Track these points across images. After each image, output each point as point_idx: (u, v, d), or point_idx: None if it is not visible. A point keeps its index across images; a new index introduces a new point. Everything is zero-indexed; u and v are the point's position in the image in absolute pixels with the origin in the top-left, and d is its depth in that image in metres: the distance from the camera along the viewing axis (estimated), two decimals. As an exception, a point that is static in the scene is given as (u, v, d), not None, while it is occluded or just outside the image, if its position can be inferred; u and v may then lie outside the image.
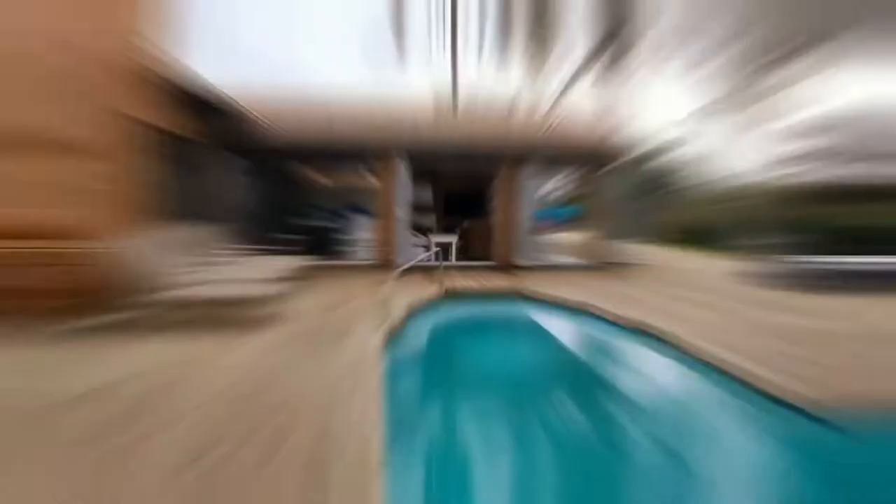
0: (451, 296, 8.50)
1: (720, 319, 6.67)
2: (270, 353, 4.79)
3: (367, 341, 5.27)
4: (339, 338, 5.37)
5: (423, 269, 10.50)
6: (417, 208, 16.41)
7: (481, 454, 3.89)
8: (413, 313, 7.22)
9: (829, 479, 3.60)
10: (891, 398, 4.06)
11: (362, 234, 11.48)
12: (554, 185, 19.45)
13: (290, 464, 2.92)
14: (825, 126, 11.03)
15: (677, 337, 5.86)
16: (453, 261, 11.52)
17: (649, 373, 5.91)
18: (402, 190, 10.61)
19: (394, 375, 4.78)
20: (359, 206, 16.37)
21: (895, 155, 10.39)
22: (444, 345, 6.63)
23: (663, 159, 28.93)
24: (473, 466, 3.81)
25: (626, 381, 5.69)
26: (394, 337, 6.00)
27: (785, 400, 4.17)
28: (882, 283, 8.99)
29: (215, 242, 8.78)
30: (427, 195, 17.79)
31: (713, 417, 4.53)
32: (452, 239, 11.74)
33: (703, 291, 8.69)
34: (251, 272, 7.52)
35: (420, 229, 13.15)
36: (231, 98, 9.19)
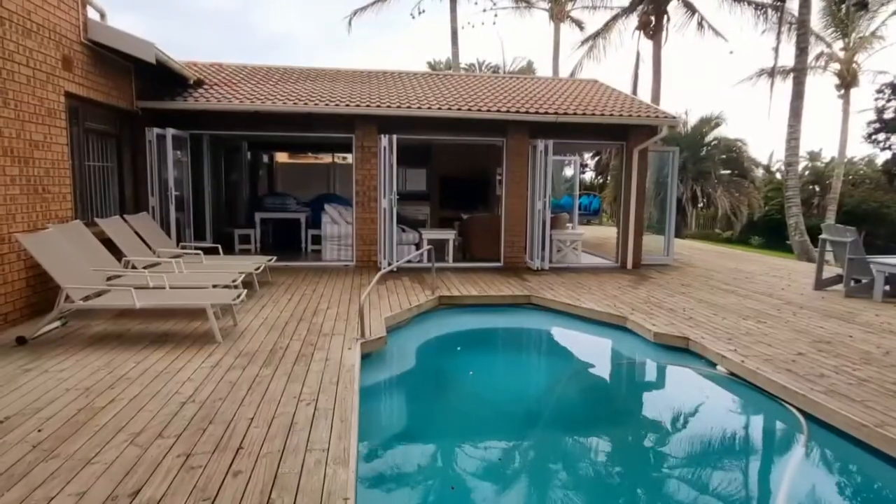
0: (446, 306, 8.33)
1: (777, 335, 6.51)
2: (214, 377, 4.62)
3: (336, 365, 5.10)
4: (300, 360, 5.21)
5: (413, 272, 10.34)
6: (408, 197, 16.26)
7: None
8: (397, 328, 7.05)
9: None
10: None
11: (338, 229, 11.29)
12: (577, 167, 19.32)
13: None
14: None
15: (726, 359, 5.72)
16: (451, 262, 11.35)
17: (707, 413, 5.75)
18: (387, 174, 10.43)
19: (367, 408, 4.62)
20: (331, 193, 16.21)
21: None
22: (433, 369, 6.47)
23: (712, 137, 28.78)
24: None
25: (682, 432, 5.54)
26: (371, 359, 5.84)
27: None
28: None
29: (152, 238, 8.61)
30: (420, 181, 17.64)
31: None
32: (450, 235, 11.57)
33: (760, 299, 8.53)
34: (199, 276, 7.35)
35: (410, 223, 12.97)
36: (171, 58, 9.03)
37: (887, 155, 11.41)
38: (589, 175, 35.77)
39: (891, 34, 33.66)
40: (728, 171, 28.80)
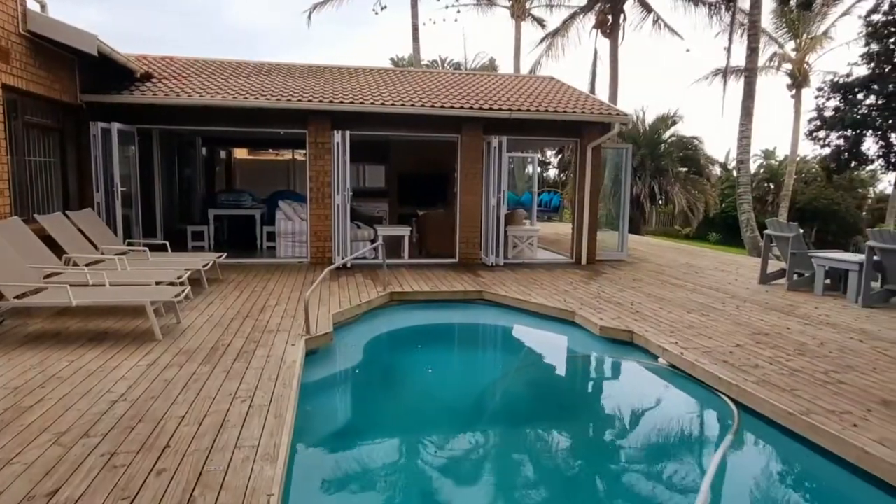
0: (398, 302, 8.34)
1: (718, 328, 6.70)
2: (149, 376, 4.55)
3: (277, 361, 5.06)
4: (241, 357, 5.16)
5: (367, 269, 10.32)
6: (366, 194, 16.19)
7: None
8: (346, 325, 7.03)
9: None
10: None
11: (293, 226, 11.19)
12: (531, 164, 19.51)
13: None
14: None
15: (667, 351, 5.87)
16: (406, 258, 11.36)
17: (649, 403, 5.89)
18: (341, 170, 10.37)
19: (308, 405, 4.60)
20: (288, 190, 16.04)
21: None
22: (378, 365, 6.48)
23: (669, 135, 29.36)
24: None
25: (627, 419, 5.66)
26: (316, 355, 5.82)
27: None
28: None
29: (96, 235, 8.40)
30: (379, 177, 17.57)
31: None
32: (405, 232, 11.57)
33: (707, 293, 8.76)
34: (143, 273, 7.20)
35: (367, 220, 12.93)
36: (115, 51, 8.81)
37: (827, 152, 11.84)
38: (553, 172, 36.17)
39: (840, 35, 34.94)
40: (685, 169, 29.45)
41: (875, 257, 8.08)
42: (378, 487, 3.86)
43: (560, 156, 34.01)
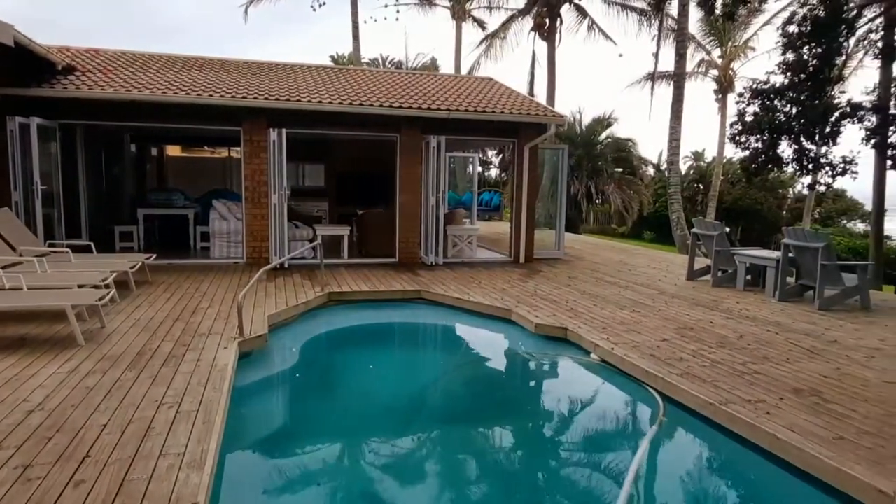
0: (336, 302, 8.25)
1: (647, 323, 6.95)
2: (70, 383, 4.33)
3: (208, 366, 4.93)
4: (169, 361, 4.99)
5: (305, 269, 10.16)
6: (305, 193, 15.95)
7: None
8: (282, 326, 6.91)
9: None
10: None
11: (228, 226, 10.89)
12: (472, 164, 19.67)
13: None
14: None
15: (599, 347, 6.04)
16: (345, 258, 11.25)
17: (574, 393, 6.04)
18: (278, 169, 10.17)
19: (240, 409, 4.50)
20: (224, 189, 15.61)
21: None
22: (314, 366, 6.40)
23: (604, 136, 30.16)
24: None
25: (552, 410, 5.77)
26: (250, 358, 5.69)
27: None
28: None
29: (14, 236, 7.94)
30: (318, 176, 17.32)
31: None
32: (344, 231, 11.46)
33: (638, 290, 9.06)
34: (64, 276, 6.86)
35: (306, 219, 12.72)
36: (33, 41, 8.36)
37: (747, 154, 12.47)
38: (494, 171, 36.54)
39: (763, 44, 36.83)
40: (620, 170, 30.35)
41: (790, 254, 8.56)
42: (312, 492, 3.82)
43: (501, 156, 34.43)
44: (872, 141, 12.17)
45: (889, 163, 12.80)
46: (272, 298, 7.70)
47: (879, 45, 13.27)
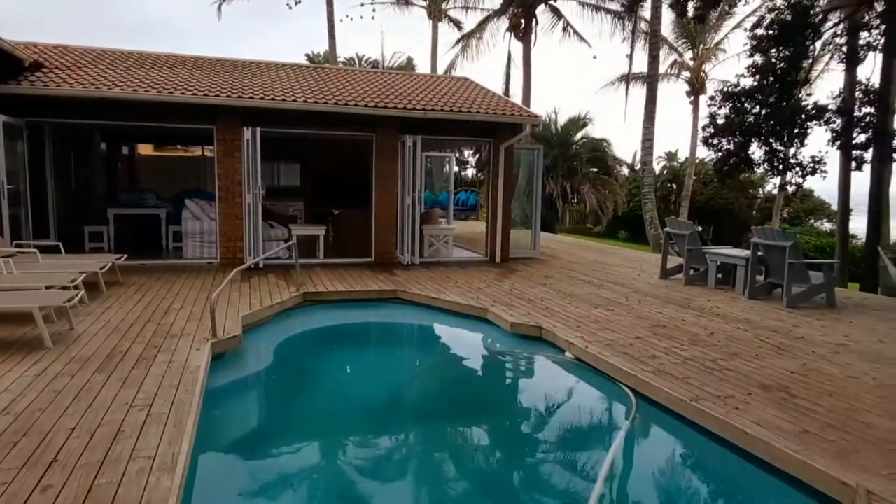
0: (312, 302, 8.19)
1: (621, 322, 7.03)
2: (37, 386, 4.24)
3: (179, 367, 4.86)
4: (140, 363, 4.91)
5: (280, 269, 10.07)
6: (281, 192, 15.79)
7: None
8: (257, 327, 6.84)
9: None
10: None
11: (201, 225, 10.75)
12: (448, 163, 19.70)
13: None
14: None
15: (573, 345, 6.09)
16: (321, 257, 11.18)
17: (550, 392, 6.08)
18: (252, 168, 10.06)
19: (213, 411, 4.45)
20: (198, 189, 15.39)
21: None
22: (289, 367, 6.35)
23: (580, 137, 30.41)
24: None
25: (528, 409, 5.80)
26: (224, 359, 5.63)
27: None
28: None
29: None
30: (294, 176, 17.18)
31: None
32: (320, 231, 11.39)
33: (613, 289, 9.16)
34: (31, 277, 6.71)
35: (281, 219, 12.61)
36: None
37: (719, 156, 12.73)
38: (471, 171, 36.60)
39: (734, 46, 37.50)
40: (595, 169, 30.62)
41: (759, 253, 8.73)
42: (287, 494, 3.79)
43: (477, 155, 34.50)
44: (838, 143, 12.50)
45: (854, 164, 13.16)
46: (246, 299, 7.62)
47: (844, 49, 13.63)
